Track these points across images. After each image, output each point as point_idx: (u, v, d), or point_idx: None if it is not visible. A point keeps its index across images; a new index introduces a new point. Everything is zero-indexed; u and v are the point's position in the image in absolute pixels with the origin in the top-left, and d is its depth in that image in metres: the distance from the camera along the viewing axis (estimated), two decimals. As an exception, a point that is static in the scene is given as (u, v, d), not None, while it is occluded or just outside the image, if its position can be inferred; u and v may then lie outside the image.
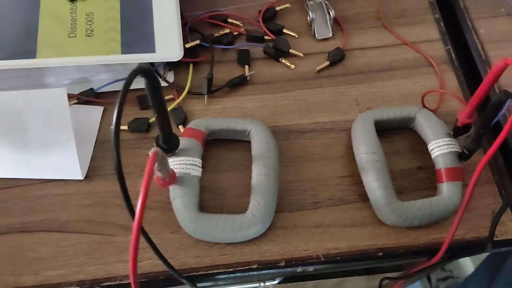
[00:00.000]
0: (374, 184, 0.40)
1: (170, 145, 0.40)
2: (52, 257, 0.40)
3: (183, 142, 0.41)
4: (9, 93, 0.40)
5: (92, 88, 0.47)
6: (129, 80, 0.29)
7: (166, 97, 0.47)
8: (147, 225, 0.42)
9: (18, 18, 0.45)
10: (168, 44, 0.45)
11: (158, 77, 0.48)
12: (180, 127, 0.46)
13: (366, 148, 0.42)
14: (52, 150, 0.42)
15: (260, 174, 0.41)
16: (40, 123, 0.41)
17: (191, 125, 0.43)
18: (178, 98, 0.47)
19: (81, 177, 0.43)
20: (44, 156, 0.42)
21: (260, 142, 0.43)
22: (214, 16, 0.52)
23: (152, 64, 0.48)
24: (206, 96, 0.47)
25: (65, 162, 0.42)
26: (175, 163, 0.41)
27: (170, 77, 0.49)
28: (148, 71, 0.30)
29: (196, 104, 0.48)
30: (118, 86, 0.47)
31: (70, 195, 0.43)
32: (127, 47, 0.44)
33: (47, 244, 0.40)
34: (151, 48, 0.45)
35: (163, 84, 0.48)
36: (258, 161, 0.42)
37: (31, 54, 0.43)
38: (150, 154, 0.30)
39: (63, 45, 0.44)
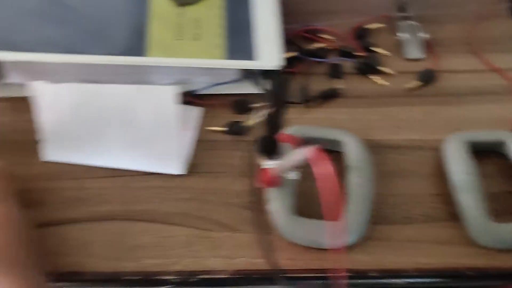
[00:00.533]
0: (470, 203, 0.41)
1: (272, 149, 0.41)
2: (153, 246, 0.42)
3: (282, 146, 0.43)
4: (124, 86, 0.43)
5: (192, 90, 0.49)
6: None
7: (262, 105, 0.49)
8: (241, 224, 0.43)
9: (130, 19, 0.48)
10: (269, 53, 0.47)
11: (256, 84, 0.50)
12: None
13: (460, 169, 0.43)
14: (157, 144, 0.44)
15: (355, 184, 0.42)
16: (149, 118, 0.43)
17: (289, 131, 0.45)
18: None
19: (181, 172, 0.45)
20: (149, 149, 0.44)
21: (355, 154, 0.44)
22: (309, 30, 0.54)
23: (251, 71, 0.50)
24: (301, 105, 0.49)
25: (168, 157, 0.45)
26: (274, 166, 0.42)
27: (266, 85, 0.51)
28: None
29: (290, 112, 0.49)
30: (217, 90, 0.49)
31: (169, 189, 0.45)
32: (230, 54, 0.47)
33: (147, 234, 0.42)
34: (253, 56, 0.47)
35: (259, 91, 0.50)
36: (353, 171, 0.43)
37: (141, 53, 0.46)
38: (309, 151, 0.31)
39: (171, 47, 0.46)
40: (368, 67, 0.52)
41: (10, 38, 0.45)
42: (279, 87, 0.34)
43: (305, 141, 0.45)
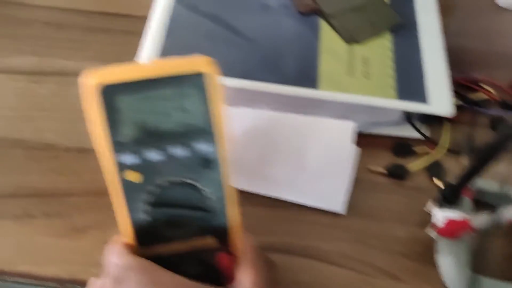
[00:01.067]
0: None
1: (454, 198, 0.40)
2: (313, 285, 0.40)
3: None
4: (298, 116, 0.42)
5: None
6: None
7: (421, 150, 0.48)
8: (404, 273, 0.41)
9: (301, 51, 0.48)
10: (440, 99, 0.46)
11: (416, 129, 0.49)
12: (435, 179, 0.46)
13: None
14: (324, 179, 0.43)
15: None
16: (320, 151, 0.43)
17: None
18: (434, 152, 0.48)
19: (342, 211, 0.44)
20: (315, 183, 0.44)
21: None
22: (468, 79, 0.52)
23: (413, 115, 0.49)
24: (466, 156, 0.47)
25: (332, 194, 0.43)
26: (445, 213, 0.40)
27: (425, 131, 0.49)
28: None
29: (452, 162, 0.47)
30: (377, 130, 0.48)
31: (329, 226, 0.44)
32: (402, 94, 0.46)
33: (308, 271, 0.41)
34: (424, 100, 0.46)
35: (419, 136, 0.49)
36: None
37: (313, 85, 0.46)
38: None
39: (342, 82, 0.46)
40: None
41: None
42: (501, 140, 0.32)
43: (476, 193, 0.43)
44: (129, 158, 0.33)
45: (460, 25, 0.53)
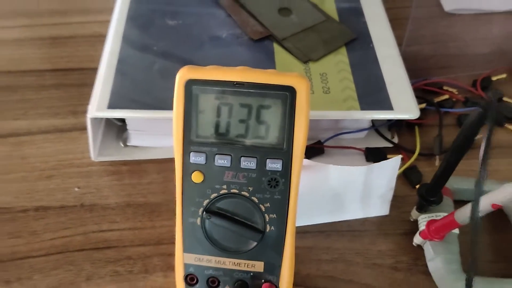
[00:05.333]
0: None
1: (435, 198, 0.38)
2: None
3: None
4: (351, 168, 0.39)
5: (320, 140, 0.47)
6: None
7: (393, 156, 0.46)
8: (395, 287, 0.39)
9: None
10: (404, 104, 0.45)
11: (384, 138, 0.48)
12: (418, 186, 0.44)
13: None
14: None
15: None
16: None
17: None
18: (407, 158, 0.46)
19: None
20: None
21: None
22: (430, 84, 0.52)
23: (373, 123, 0.48)
24: (437, 156, 0.46)
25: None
26: (429, 218, 0.38)
27: (394, 139, 0.48)
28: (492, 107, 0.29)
29: (426, 164, 0.46)
30: (347, 142, 0.47)
31: (308, 249, 0.41)
32: (365, 104, 0.45)
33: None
34: (388, 107, 0.45)
35: (388, 145, 0.47)
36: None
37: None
38: None
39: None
40: (501, 116, 0.49)
41: (139, 97, 0.44)
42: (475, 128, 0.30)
43: (454, 193, 0.41)
44: (197, 158, 0.33)
45: (413, 34, 0.54)
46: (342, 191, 0.39)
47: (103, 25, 0.58)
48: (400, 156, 0.38)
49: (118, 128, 0.49)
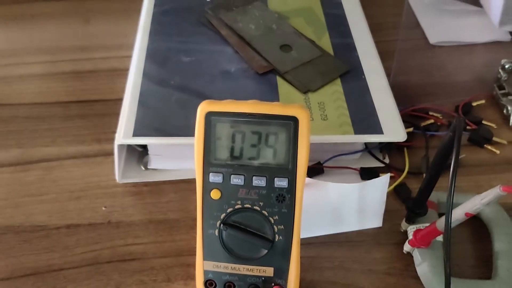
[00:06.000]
0: None
1: (421, 210, 0.43)
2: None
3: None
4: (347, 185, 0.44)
5: (320, 161, 0.53)
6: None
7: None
8: (388, 289, 0.44)
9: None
10: (393, 128, 0.51)
11: (376, 158, 0.53)
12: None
13: None
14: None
15: (504, 241, 0.43)
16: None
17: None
18: (398, 177, 0.52)
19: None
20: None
21: (496, 212, 0.45)
22: (417, 109, 0.58)
23: (366, 146, 0.54)
24: (424, 174, 0.51)
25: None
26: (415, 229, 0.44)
27: (386, 159, 0.54)
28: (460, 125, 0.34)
29: (415, 182, 0.52)
30: (343, 162, 0.53)
31: (310, 259, 0.46)
32: (358, 129, 0.50)
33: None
34: (379, 131, 0.50)
35: (380, 165, 0.53)
36: (499, 229, 0.44)
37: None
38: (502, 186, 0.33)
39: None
40: (481, 138, 0.54)
41: (159, 126, 0.50)
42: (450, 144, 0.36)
43: (439, 207, 0.47)
44: (215, 178, 0.38)
45: (400, 65, 0.60)
46: (340, 206, 0.45)
47: (122, 60, 0.64)
48: (389, 174, 0.43)
49: (139, 154, 0.54)
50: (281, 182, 0.38)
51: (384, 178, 0.43)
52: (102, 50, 0.69)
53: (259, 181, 0.38)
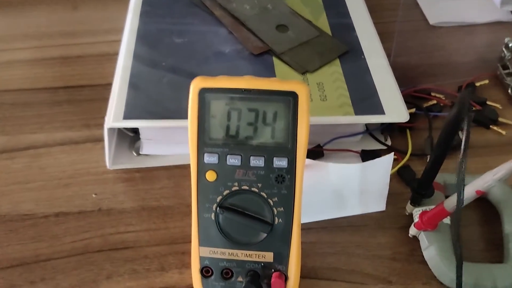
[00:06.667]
0: None
1: (427, 191, 0.41)
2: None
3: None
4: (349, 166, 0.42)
5: (319, 144, 0.51)
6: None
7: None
8: (394, 275, 0.42)
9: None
10: (395, 109, 0.49)
11: (377, 140, 0.51)
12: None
13: None
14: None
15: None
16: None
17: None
18: (401, 159, 0.50)
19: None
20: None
21: (505, 194, 0.43)
22: (419, 90, 0.56)
23: (367, 128, 0.52)
24: (428, 156, 0.50)
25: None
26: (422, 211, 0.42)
27: (388, 141, 0.52)
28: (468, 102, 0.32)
29: (418, 164, 0.50)
30: (344, 145, 0.51)
31: (312, 244, 0.44)
32: (359, 110, 0.48)
33: (301, 288, 0.41)
34: (380, 111, 0.48)
35: (382, 147, 0.51)
36: (509, 211, 0.42)
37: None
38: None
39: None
40: (486, 119, 0.53)
41: (151, 108, 0.48)
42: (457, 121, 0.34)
43: (446, 189, 0.45)
44: (211, 158, 0.36)
45: (400, 45, 0.58)
46: (341, 188, 0.43)
47: (110, 44, 0.62)
48: (392, 154, 0.41)
49: (130, 139, 0.52)
50: (280, 162, 0.36)
51: (388, 158, 0.41)
52: (90, 35, 0.67)
53: (257, 161, 0.36)
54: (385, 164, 0.42)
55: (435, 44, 0.63)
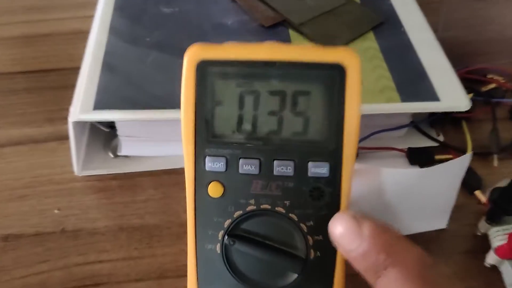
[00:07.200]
0: None
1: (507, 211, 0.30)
2: None
3: None
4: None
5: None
6: None
7: (442, 157, 0.39)
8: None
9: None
10: (451, 93, 0.37)
11: (427, 136, 0.40)
12: (478, 192, 0.36)
13: None
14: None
15: None
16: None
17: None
18: (458, 159, 0.38)
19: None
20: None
21: None
22: (472, 71, 0.45)
23: (413, 123, 0.40)
24: (496, 156, 0.38)
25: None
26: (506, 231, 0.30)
27: (440, 136, 0.40)
28: None
29: (482, 166, 0.38)
30: (383, 143, 0.39)
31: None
32: (406, 96, 0.37)
33: None
34: (433, 97, 0.37)
35: (432, 144, 0.40)
36: None
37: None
38: None
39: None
40: None
41: (131, 95, 0.36)
42: None
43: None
44: (215, 164, 0.25)
45: (446, 19, 0.47)
46: (396, 201, 0.31)
47: (84, 21, 0.51)
48: (469, 155, 0.30)
49: (105, 136, 0.41)
50: (318, 169, 0.24)
51: (462, 161, 0.30)
52: (59, 10, 0.56)
53: (283, 168, 0.25)
54: (457, 169, 0.30)
55: (485, 16, 0.52)
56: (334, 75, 0.24)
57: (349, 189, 0.25)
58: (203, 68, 0.24)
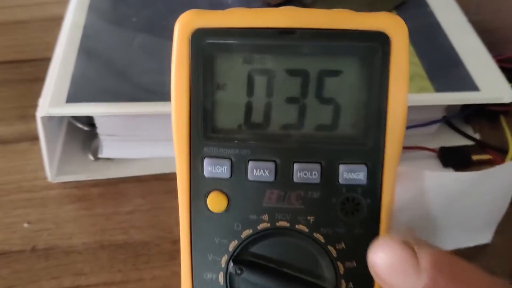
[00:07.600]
0: None
1: None
2: None
3: None
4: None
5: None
6: None
7: (480, 157, 0.33)
8: None
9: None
10: (492, 83, 0.32)
11: (461, 134, 0.34)
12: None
13: None
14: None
15: None
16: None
17: None
18: (499, 160, 0.33)
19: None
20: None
21: None
22: (506, 59, 0.39)
23: (445, 118, 0.35)
24: (547, 156, 0.33)
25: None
26: None
27: (475, 134, 0.35)
28: None
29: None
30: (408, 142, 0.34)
31: None
32: (439, 85, 0.32)
33: None
34: (472, 87, 0.32)
35: (467, 142, 0.34)
36: None
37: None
38: None
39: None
40: None
41: (112, 85, 0.31)
42: None
43: None
44: (216, 167, 0.20)
45: (476, 2, 0.42)
46: (437, 210, 0.26)
47: (63, 5, 0.45)
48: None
49: (84, 135, 0.36)
50: (352, 175, 0.19)
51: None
52: None
53: (306, 173, 0.19)
54: (509, 174, 0.25)
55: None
56: (375, 48, 0.18)
57: (392, 200, 0.19)
58: (200, 40, 0.19)
